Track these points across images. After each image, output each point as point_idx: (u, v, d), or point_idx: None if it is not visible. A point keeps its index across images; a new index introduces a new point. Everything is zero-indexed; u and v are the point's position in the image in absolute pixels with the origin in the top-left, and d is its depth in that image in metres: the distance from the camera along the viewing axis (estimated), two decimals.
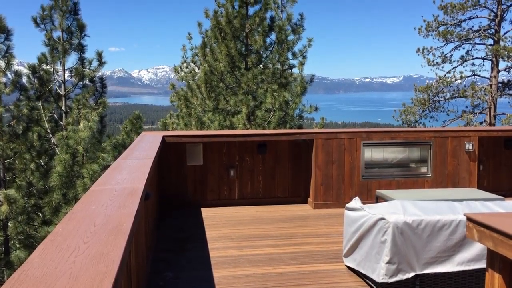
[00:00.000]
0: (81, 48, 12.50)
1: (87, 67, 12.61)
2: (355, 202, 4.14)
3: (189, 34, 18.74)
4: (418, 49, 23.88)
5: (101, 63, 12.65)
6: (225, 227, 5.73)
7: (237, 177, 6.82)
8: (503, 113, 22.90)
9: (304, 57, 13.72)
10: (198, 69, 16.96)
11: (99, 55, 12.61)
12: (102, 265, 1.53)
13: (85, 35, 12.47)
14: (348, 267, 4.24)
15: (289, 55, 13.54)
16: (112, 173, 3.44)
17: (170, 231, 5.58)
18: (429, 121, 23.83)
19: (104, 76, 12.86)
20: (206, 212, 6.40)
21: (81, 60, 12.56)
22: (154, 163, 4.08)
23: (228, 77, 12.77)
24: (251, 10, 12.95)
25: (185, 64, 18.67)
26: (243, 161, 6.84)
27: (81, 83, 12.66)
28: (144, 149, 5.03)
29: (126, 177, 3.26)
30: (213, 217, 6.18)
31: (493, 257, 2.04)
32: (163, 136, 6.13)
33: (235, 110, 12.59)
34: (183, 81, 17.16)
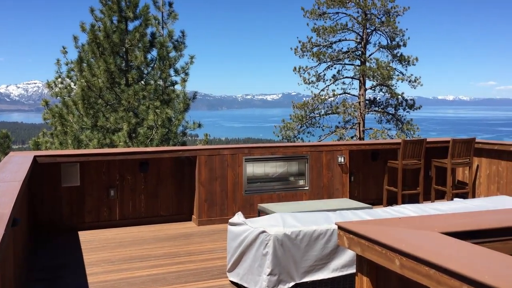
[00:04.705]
0: None
1: None
2: (238, 217, 4.21)
3: (64, 48, 17.64)
4: (295, 68, 25.21)
5: None
6: (104, 250, 5.47)
7: (118, 197, 6.57)
8: (370, 128, 25.03)
9: (187, 74, 13.69)
10: (75, 85, 16.03)
11: None
12: None
13: None
14: (232, 282, 4.28)
15: (171, 72, 13.43)
16: None
17: (43, 258, 5.18)
18: (307, 136, 25.21)
19: None
20: (83, 235, 6.05)
21: None
22: (23, 186, 3.77)
23: (108, 94, 12.29)
24: (131, 26, 12.66)
25: (59, 80, 17.50)
26: (124, 180, 6.61)
27: None
28: (12, 171, 4.63)
29: None
30: (91, 240, 5.86)
31: (361, 262, 2.19)
32: (34, 156, 5.70)
33: (116, 128, 12.13)
34: (58, 97, 16.09)
